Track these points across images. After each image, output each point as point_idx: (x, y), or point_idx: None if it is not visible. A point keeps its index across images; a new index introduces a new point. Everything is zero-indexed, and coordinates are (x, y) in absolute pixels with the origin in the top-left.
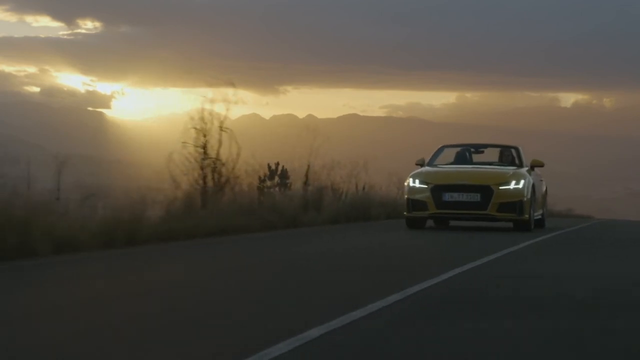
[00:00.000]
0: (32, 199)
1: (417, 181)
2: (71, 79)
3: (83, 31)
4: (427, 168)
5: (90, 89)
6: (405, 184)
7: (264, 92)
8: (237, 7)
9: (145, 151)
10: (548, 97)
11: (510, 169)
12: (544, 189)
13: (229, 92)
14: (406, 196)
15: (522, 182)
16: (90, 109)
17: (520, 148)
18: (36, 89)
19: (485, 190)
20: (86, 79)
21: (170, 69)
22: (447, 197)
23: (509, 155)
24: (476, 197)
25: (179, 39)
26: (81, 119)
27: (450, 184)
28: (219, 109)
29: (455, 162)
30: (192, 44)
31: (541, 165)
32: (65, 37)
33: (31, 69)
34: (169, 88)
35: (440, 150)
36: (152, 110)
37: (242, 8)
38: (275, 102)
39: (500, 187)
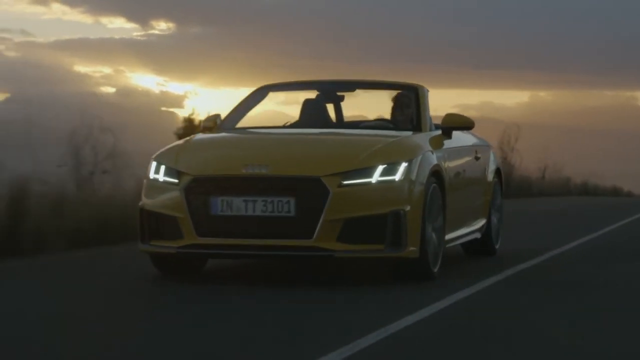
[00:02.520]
0: None
1: (162, 168)
2: (145, 80)
3: (156, 32)
4: (204, 136)
5: (164, 89)
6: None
7: None
8: (306, 7)
9: None
10: (625, 95)
11: (393, 135)
12: (489, 174)
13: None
14: (140, 203)
15: (402, 166)
16: (163, 108)
17: (426, 91)
18: (111, 90)
19: (308, 190)
20: (159, 79)
21: (241, 69)
22: (221, 206)
23: (407, 107)
24: (286, 205)
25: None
26: (154, 119)
27: (228, 176)
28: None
29: (298, 125)
30: (262, 44)
31: (468, 125)
32: (139, 38)
33: (106, 70)
34: (240, 88)
35: (258, 94)
36: (224, 110)
37: (311, 9)
38: (344, 102)
39: (346, 182)
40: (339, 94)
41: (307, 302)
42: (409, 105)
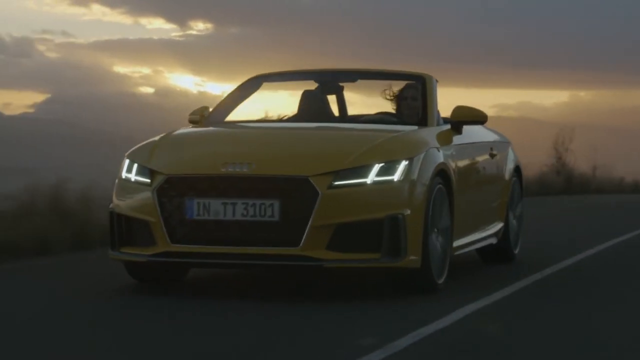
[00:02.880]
0: None
1: (135, 167)
2: (183, 80)
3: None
4: (184, 131)
5: (202, 89)
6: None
7: (374, 94)
8: (345, 8)
9: None
10: None
11: (394, 130)
12: (506, 173)
13: None
14: (110, 205)
15: (402, 165)
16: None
17: (434, 81)
18: (150, 90)
19: (295, 192)
20: (197, 79)
21: (279, 70)
22: (197, 209)
23: (414, 99)
24: (269, 209)
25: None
26: None
27: (204, 175)
28: None
29: (295, 119)
30: (300, 44)
31: (480, 119)
32: (177, 38)
33: (145, 70)
34: (277, 90)
35: (251, 84)
36: (261, 111)
37: (350, 9)
38: (385, 103)
39: (338, 183)
40: (340, 84)
41: (294, 315)
42: (416, 97)
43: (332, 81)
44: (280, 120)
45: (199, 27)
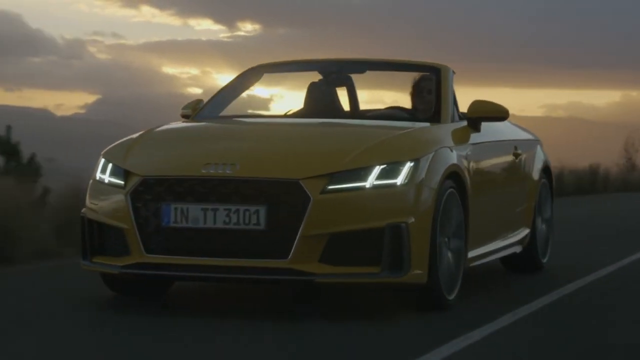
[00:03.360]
0: None
1: (109, 167)
2: (228, 80)
3: (242, 33)
4: (167, 127)
5: (250, 92)
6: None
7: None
8: (394, 9)
9: None
10: None
11: (401, 127)
12: (534, 174)
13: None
14: (82, 210)
15: (406, 166)
16: (250, 111)
17: (451, 73)
18: (198, 91)
19: (284, 197)
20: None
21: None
22: (174, 216)
23: (429, 92)
24: (254, 216)
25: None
26: None
27: (183, 177)
28: None
29: (300, 114)
30: (349, 45)
31: (500, 115)
32: (225, 39)
33: (194, 71)
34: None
35: (250, 75)
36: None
37: (398, 10)
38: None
39: (332, 187)
40: (349, 75)
41: (283, 335)
42: (431, 91)
43: (337, 72)
44: (283, 115)
45: (247, 28)
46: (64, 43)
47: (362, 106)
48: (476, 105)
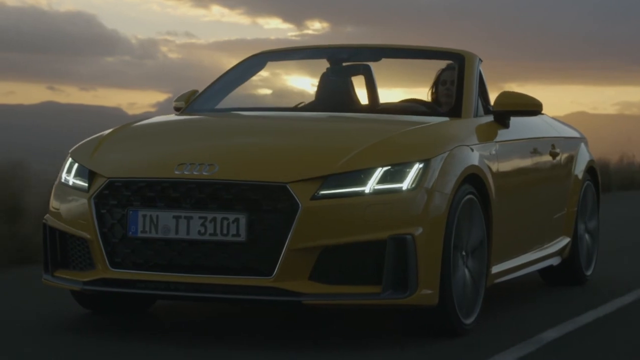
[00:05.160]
0: None
1: (75, 168)
2: (300, 81)
3: (310, 32)
4: (143, 122)
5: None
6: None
7: (489, 90)
8: (463, 7)
9: None
10: None
11: (413, 122)
12: (577, 175)
13: None
14: (45, 216)
15: (414, 169)
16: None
17: (477, 61)
18: (268, 91)
19: (268, 203)
20: (314, 80)
21: (395, 70)
22: (142, 224)
23: (453, 84)
24: (234, 226)
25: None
26: None
27: (152, 179)
28: None
29: (310, 107)
30: (417, 43)
31: (531, 108)
32: (293, 38)
33: (263, 72)
34: (392, 89)
35: (252, 64)
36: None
37: (468, 8)
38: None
39: (325, 192)
40: (365, 63)
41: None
42: (455, 82)
43: (347, 59)
44: (291, 108)
45: (315, 26)
46: (137, 43)
47: (390, 99)
48: (504, 97)
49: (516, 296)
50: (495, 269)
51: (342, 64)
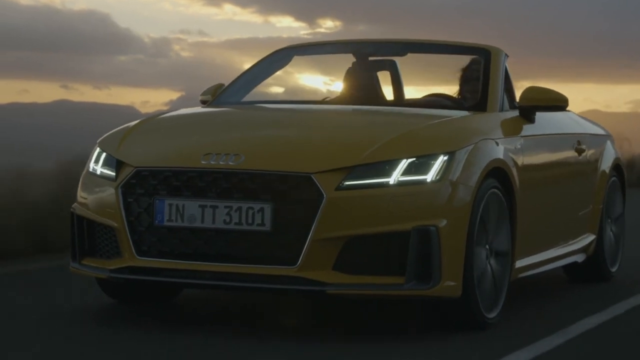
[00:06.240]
0: None
1: (103, 157)
2: (312, 79)
3: (323, 30)
4: (172, 113)
5: (331, 88)
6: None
7: None
8: (476, 6)
9: None
10: None
11: (438, 115)
12: (602, 172)
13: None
14: (73, 205)
15: (438, 161)
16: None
17: (503, 56)
18: (280, 90)
19: (293, 193)
20: (326, 78)
21: (408, 69)
22: (169, 213)
23: (478, 79)
24: (259, 215)
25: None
26: None
27: (179, 169)
28: None
29: (336, 101)
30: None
31: (557, 103)
32: (306, 36)
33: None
34: (406, 86)
35: (279, 58)
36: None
37: (480, 8)
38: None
39: (350, 183)
40: (388, 58)
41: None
42: (480, 77)
43: (373, 54)
44: (318, 102)
45: (328, 24)
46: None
47: (416, 94)
48: (530, 92)
49: (538, 291)
50: (519, 264)
51: (368, 58)
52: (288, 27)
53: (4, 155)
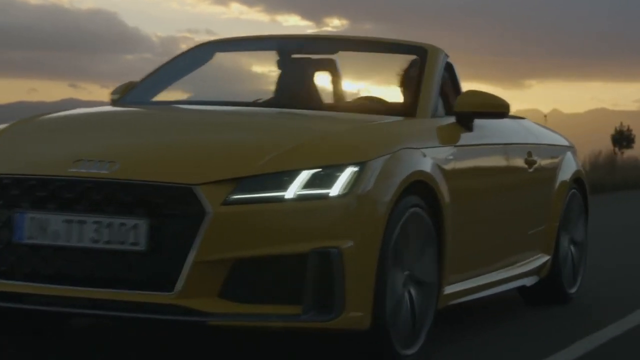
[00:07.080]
0: None
1: None
2: (320, 78)
3: (329, 29)
4: (49, 116)
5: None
6: None
7: (508, 87)
8: (483, 6)
9: None
10: None
11: (355, 120)
12: (559, 187)
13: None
14: None
15: (346, 173)
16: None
17: (441, 56)
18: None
19: (172, 208)
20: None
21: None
22: (29, 229)
23: (411, 80)
24: (132, 232)
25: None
26: None
27: (43, 177)
28: None
29: (268, 103)
30: (437, 41)
31: (496, 110)
32: None
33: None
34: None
35: (199, 54)
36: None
37: (489, 7)
38: (520, 96)
39: (239, 197)
40: (326, 57)
41: None
42: (414, 76)
43: (299, 51)
44: (247, 104)
45: (334, 23)
46: (158, 40)
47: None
48: (466, 97)
49: (475, 316)
50: (448, 289)
51: (291, 55)
52: (295, 25)
53: None
